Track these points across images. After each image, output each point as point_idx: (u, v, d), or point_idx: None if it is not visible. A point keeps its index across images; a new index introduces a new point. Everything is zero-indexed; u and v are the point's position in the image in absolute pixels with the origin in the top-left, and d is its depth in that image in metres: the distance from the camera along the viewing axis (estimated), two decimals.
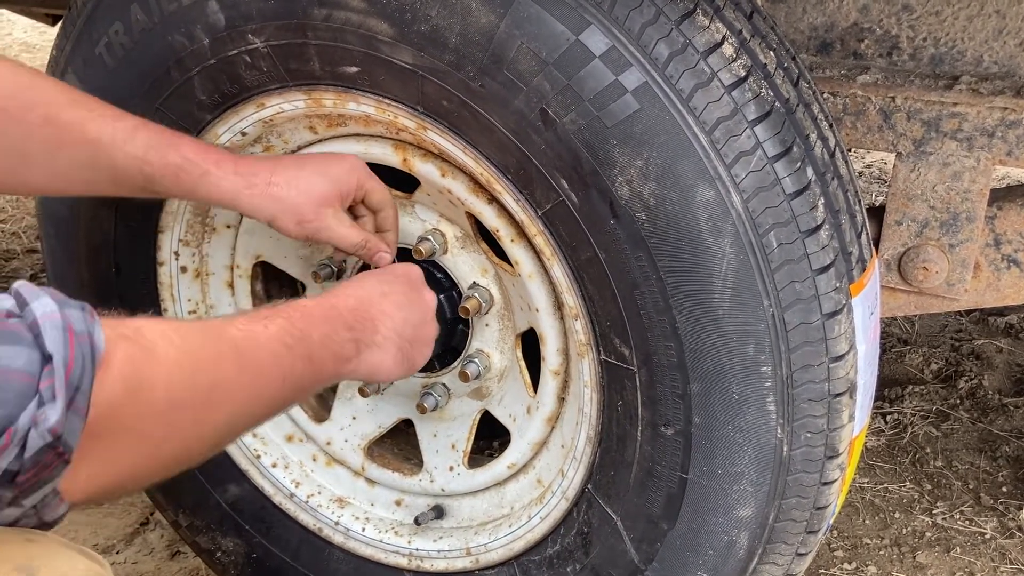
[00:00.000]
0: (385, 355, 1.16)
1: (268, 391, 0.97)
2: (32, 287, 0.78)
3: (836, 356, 1.16)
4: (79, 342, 0.74)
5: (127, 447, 0.81)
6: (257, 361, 0.95)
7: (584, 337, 1.26)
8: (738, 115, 1.09)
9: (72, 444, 0.74)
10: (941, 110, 1.34)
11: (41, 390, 0.72)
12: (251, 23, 1.23)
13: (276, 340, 0.98)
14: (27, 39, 6.08)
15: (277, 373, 0.97)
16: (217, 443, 0.94)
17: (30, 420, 0.71)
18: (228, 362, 0.91)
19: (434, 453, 1.57)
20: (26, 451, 0.72)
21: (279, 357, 0.97)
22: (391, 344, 1.17)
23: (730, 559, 1.27)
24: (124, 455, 0.82)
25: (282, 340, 0.98)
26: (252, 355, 0.94)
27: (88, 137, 1.17)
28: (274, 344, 0.97)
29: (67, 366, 0.73)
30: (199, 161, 1.20)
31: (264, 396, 0.97)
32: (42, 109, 1.15)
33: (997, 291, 1.44)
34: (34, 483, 0.75)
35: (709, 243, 1.11)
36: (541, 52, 1.09)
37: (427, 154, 1.30)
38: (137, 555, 2.01)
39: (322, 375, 1.06)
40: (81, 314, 0.77)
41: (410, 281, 1.25)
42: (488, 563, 1.48)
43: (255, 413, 0.98)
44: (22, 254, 3.40)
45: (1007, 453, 2.36)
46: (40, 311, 0.75)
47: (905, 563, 2.03)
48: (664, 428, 1.22)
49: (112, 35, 1.34)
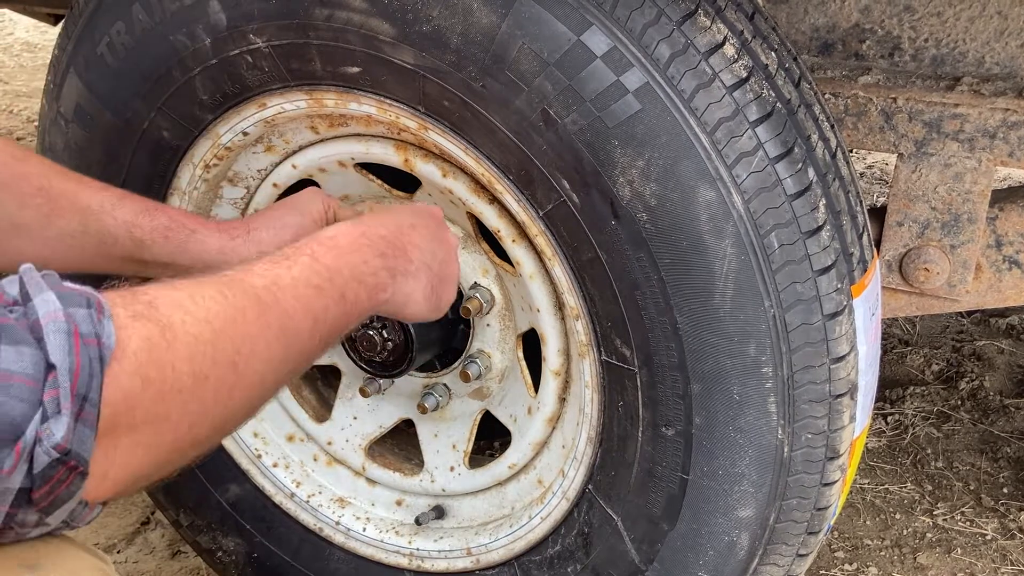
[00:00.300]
0: (417, 285, 1.10)
1: (299, 340, 0.89)
2: (36, 277, 0.73)
3: (837, 357, 1.16)
4: (86, 345, 0.69)
5: (154, 435, 0.76)
6: (282, 310, 0.87)
7: (585, 337, 1.26)
8: (739, 116, 1.09)
9: (86, 456, 0.69)
10: (943, 111, 1.34)
11: (45, 402, 0.67)
12: (253, 23, 1.23)
13: (302, 283, 0.91)
14: (29, 39, 6.09)
15: (307, 318, 0.90)
16: (250, 406, 0.88)
17: (35, 435, 0.66)
18: (250, 317, 0.84)
19: (435, 453, 1.57)
20: (34, 467, 0.67)
21: (307, 301, 0.90)
22: (423, 275, 1.11)
23: (731, 560, 1.26)
24: (152, 444, 0.76)
25: (309, 281, 0.91)
26: (276, 304, 0.87)
27: (79, 205, 1.18)
28: (300, 288, 0.90)
29: (73, 374, 0.68)
30: (186, 222, 1.23)
31: (295, 346, 0.89)
32: (35, 180, 1.16)
33: (998, 292, 1.44)
34: (51, 500, 0.70)
35: (710, 244, 1.11)
36: (542, 52, 1.10)
37: (428, 154, 1.30)
38: (138, 554, 2.01)
39: (356, 311, 0.99)
40: (87, 312, 0.71)
41: (436, 219, 1.22)
42: (489, 563, 1.48)
43: (287, 366, 0.90)
44: None
45: (1008, 454, 2.36)
46: (43, 310, 0.70)
47: (906, 564, 2.03)
48: (665, 429, 1.22)
49: (114, 35, 1.34)
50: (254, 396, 0.86)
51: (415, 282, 1.10)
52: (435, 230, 1.18)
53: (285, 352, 0.88)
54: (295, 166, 1.42)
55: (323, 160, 1.39)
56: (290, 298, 0.89)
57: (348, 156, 1.37)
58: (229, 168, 1.44)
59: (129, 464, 0.75)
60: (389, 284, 1.05)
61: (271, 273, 0.89)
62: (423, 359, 1.45)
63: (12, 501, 0.69)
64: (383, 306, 1.06)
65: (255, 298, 0.85)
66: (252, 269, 0.89)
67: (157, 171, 1.43)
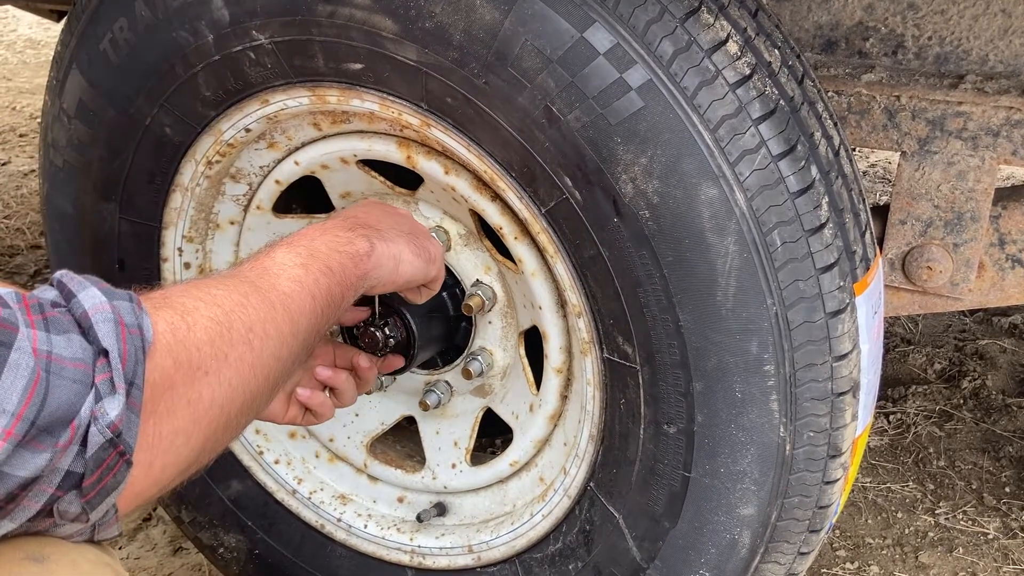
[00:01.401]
0: (398, 245, 1.14)
1: (302, 315, 0.95)
2: (77, 278, 0.77)
3: (839, 355, 1.16)
4: (131, 335, 0.73)
5: (191, 420, 0.80)
6: (280, 291, 0.93)
7: (587, 335, 1.25)
8: (742, 113, 1.09)
9: (132, 442, 0.72)
10: (946, 109, 1.34)
11: (97, 384, 0.70)
12: (255, 19, 1.23)
13: (289, 265, 0.97)
14: (32, 35, 6.09)
15: (303, 294, 0.96)
16: (271, 383, 0.92)
17: (89, 414, 0.69)
18: (254, 301, 0.90)
19: (436, 450, 1.57)
20: (88, 448, 0.70)
21: (299, 280, 0.96)
22: (398, 236, 1.15)
23: (732, 558, 1.26)
24: (190, 431, 0.80)
25: (294, 263, 0.98)
26: (273, 288, 0.93)
27: None
28: (288, 270, 0.96)
29: (122, 359, 0.71)
30: None
31: (301, 321, 0.95)
32: None
33: (1001, 291, 1.44)
34: (99, 489, 0.73)
35: (713, 241, 1.11)
36: (545, 49, 1.09)
37: (431, 151, 1.30)
38: (140, 551, 2.01)
39: (347, 280, 1.04)
40: (130, 305, 0.75)
41: (376, 201, 1.28)
42: (490, 560, 1.48)
43: (297, 339, 0.96)
44: (26, 250, 3.40)
45: (1010, 453, 2.36)
46: (89, 303, 0.73)
47: (908, 563, 2.03)
48: (667, 426, 1.22)
49: (117, 31, 1.34)
50: (273, 372, 0.91)
51: (395, 244, 1.13)
52: (382, 206, 1.25)
53: (293, 327, 0.93)
54: (297, 163, 1.42)
55: (326, 157, 1.39)
56: (283, 280, 0.95)
57: (351, 153, 1.37)
58: (232, 164, 1.44)
59: (170, 451, 0.78)
60: (369, 249, 1.08)
61: (258, 266, 0.95)
62: (425, 356, 1.45)
63: (60, 483, 0.71)
64: (374, 272, 1.09)
65: (252, 285, 0.91)
66: (240, 267, 0.95)
67: (159, 167, 1.43)
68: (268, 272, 0.95)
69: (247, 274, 0.93)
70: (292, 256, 0.99)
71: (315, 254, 1.01)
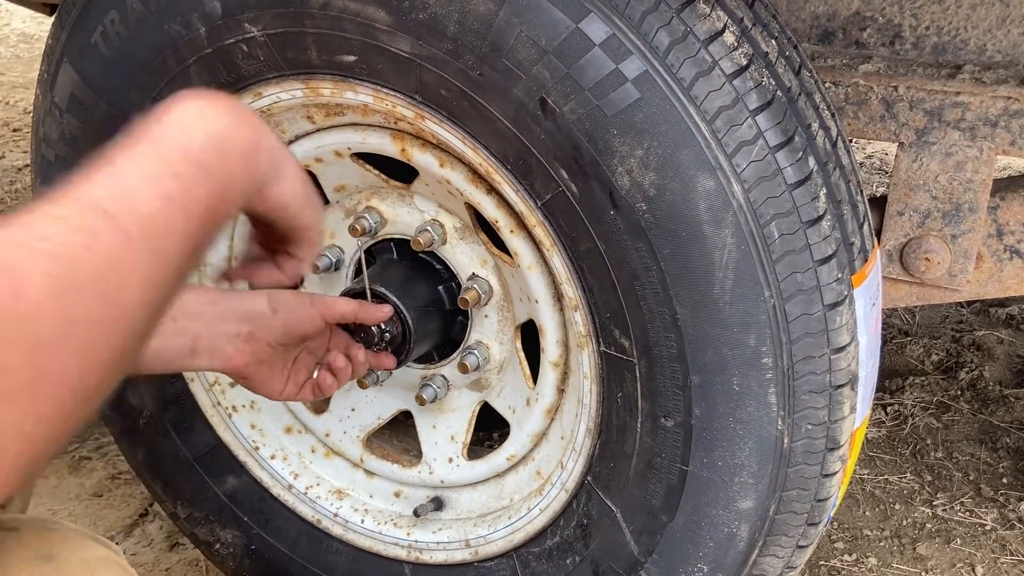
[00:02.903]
0: (288, 154, 0.90)
1: (174, 239, 0.73)
2: None
3: (838, 347, 1.15)
4: None
5: (36, 403, 0.64)
6: (139, 217, 0.71)
7: (584, 328, 1.25)
8: (739, 104, 1.08)
9: None
10: (944, 100, 1.33)
11: None
12: (248, 11, 1.22)
13: (155, 176, 0.74)
14: (25, 29, 6.07)
15: (176, 213, 0.73)
16: (146, 321, 0.73)
17: None
18: (105, 236, 0.69)
19: (433, 445, 1.56)
20: None
21: (166, 193, 0.73)
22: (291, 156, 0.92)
23: (730, 551, 1.26)
24: (40, 413, 0.64)
25: (161, 172, 0.74)
26: (129, 208, 0.71)
27: None
28: (154, 184, 0.73)
29: None
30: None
31: (171, 248, 0.73)
32: None
33: (999, 282, 1.43)
34: None
35: (710, 233, 1.10)
36: (540, 40, 1.08)
37: (426, 144, 1.29)
38: (136, 547, 2.01)
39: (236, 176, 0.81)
40: None
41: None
42: (487, 555, 1.48)
43: (170, 268, 0.74)
44: None
45: (1008, 444, 2.36)
46: None
47: (905, 554, 2.03)
48: (664, 420, 1.22)
49: (108, 24, 1.33)
50: (143, 316, 0.72)
51: (285, 151, 0.90)
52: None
53: (161, 260, 0.73)
54: None
55: (319, 150, 1.38)
56: (143, 199, 0.72)
57: (345, 146, 1.36)
58: None
59: (20, 436, 0.63)
60: (255, 136, 0.84)
61: (111, 181, 0.73)
62: (421, 350, 1.44)
63: None
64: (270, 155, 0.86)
65: (103, 213, 0.70)
66: (91, 179, 0.72)
67: None
68: (120, 187, 0.72)
69: (96, 192, 0.71)
70: (159, 164, 0.75)
71: (186, 157, 0.76)
